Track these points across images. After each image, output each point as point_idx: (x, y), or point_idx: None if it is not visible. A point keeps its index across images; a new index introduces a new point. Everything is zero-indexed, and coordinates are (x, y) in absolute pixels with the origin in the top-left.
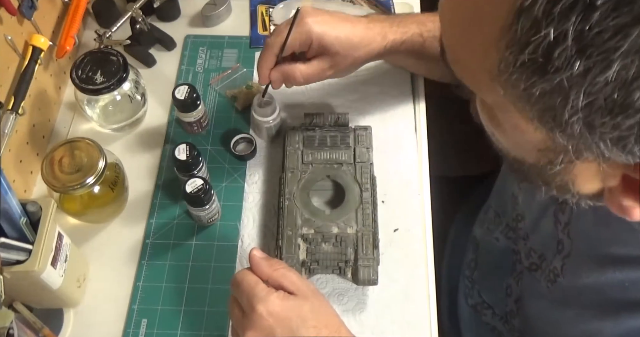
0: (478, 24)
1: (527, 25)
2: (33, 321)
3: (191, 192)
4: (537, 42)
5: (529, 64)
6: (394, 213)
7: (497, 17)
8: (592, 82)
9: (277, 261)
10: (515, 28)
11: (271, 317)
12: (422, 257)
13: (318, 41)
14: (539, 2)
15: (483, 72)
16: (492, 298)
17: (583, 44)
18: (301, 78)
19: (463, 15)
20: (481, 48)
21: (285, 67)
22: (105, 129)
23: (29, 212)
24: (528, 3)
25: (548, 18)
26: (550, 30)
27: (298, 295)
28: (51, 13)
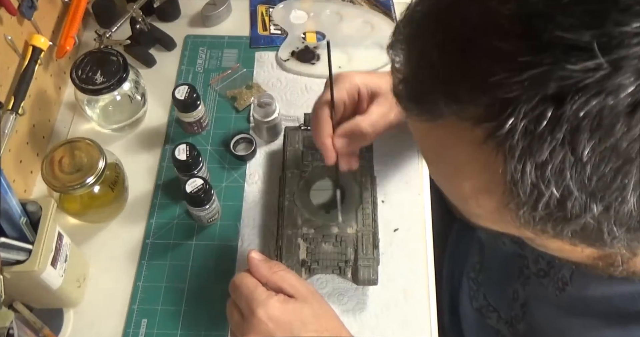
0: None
1: (527, 191)
2: (33, 321)
3: (191, 192)
4: (545, 201)
5: (547, 218)
6: (394, 213)
7: (494, 188)
8: (617, 215)
9: (276, 263)
10: (517, 193)
11: (271, 321)
12: (422, 257)
13: (365, 85)
14: (528, 170)
15: (506, 224)
16: (498, 302)
17: (590, 191)
18: (369, 128)
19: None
20: (494, 211)
21: (346, 126)
22: (105, 129)
23: (29, 212)
24: (519, 175)
25: (544, 181)
26: (552, 190)
27: (298, 298)
28: (51, 13)
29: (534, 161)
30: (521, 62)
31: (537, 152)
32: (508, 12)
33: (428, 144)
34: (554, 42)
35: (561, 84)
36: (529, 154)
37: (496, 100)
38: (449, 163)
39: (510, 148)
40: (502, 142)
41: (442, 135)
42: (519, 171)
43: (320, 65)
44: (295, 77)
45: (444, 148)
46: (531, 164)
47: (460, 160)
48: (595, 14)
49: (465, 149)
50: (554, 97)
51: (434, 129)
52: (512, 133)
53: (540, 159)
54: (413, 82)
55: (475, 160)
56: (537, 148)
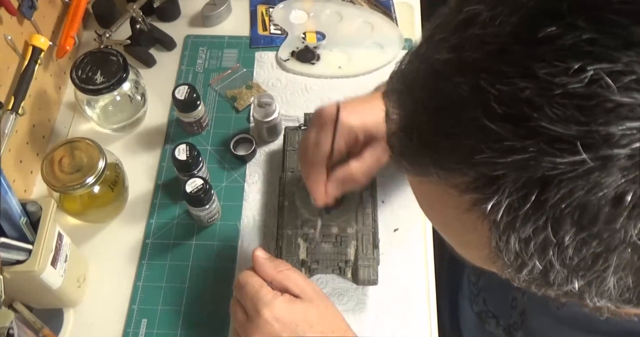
0: (468, 247)
1: (511, 258)
2: (33, 321)
3: (191, 192)
4: (528, 269)
5: (531, 280)
6: (394, 213)
7: (483, 245)
8: (598, 290)
9: (281, 261)
10: (502, 257)
11: (277, 322)
12: (422, 257)
13: (362, 132)
14: (511, 242)
15: (492, 267)
16: (497, 308)
17: (571, 269)
18: (362, 176)
19: (450, 236)
20: (483, 261)
21: (339, 173)
22: (105, 129)
23: (29, 212)
24: (503, 244)
25: (527, 254)
26: (535, 262)
27: (304, 298)
28: (51, 13)
29: (517, 236)
30: (507, 145)
31: (520, 229)
32: (497, 93)
33: (419, 193)
34: (539, 132)
35: (545, 172)
36: (513, 229)
37: (481, 175)
38: (439, 217)
39: (494, 221)
40: (487, 213)
41: (432, 193)
42: (503, 240)
43: (320, 65)
44: (295, 77)
45: (434, 203)
46: (515, 237)
47: (449, 217)
48: (583, 110)
49: (453, 210)
50: (540, 181)
51: (423, 185)
52: (497, 208)
53: (524, 235)
54: (404, 140)
55: (463, 221)
56: (520, 225)
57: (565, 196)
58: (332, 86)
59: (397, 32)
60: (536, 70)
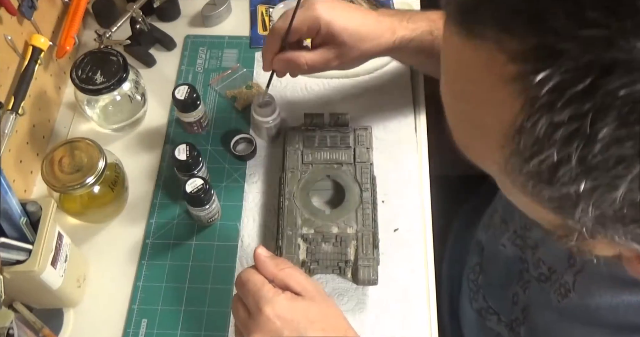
0: (480, 127)
1: (529, 142)
2: (33, 321)
3: (191, 192)
4: (540, 159)
5: (534, 174)
6: (394, 213)
7: (499, 126)
8: (600, 198)
9: (282, 259)
10: (518, 141)
11: (278, 319)
12: (422, 257)
13: (326, 28)
14: (539, 125)
15: (491, 163)
16: (498, 304)
17: (587, 166)
18: (305, 65)
19: (464, 115)
20: (487, 148)
21: (289, 54)
22: (105, 129)
23: (29, 212)
24: (529, 125)
25: (550, 141)
26: (553, 151)
27: (305, 296)
28: (51, 13)
29: (549, 118)
30: (588, 18)
31: (557, 112)
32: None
33: (456, 61)
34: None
35: (616, 56)
36: (549, 110)
37: (544, 45)
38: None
39: (533, 97)
40: (528, 88)
41: (474, 57)
42: (530, 122)
43: None
44: None
45: (471, 69)
46: (546, 120)
47: (481, 88)
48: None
49: (491, 78)
50: (602, 66)
51: (468, 48)
52: (543, 84)
53: (557, 119)
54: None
55: (495, 93)
56: (559, 108)
57: (623, 86)
58: (332, 86)
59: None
60: None
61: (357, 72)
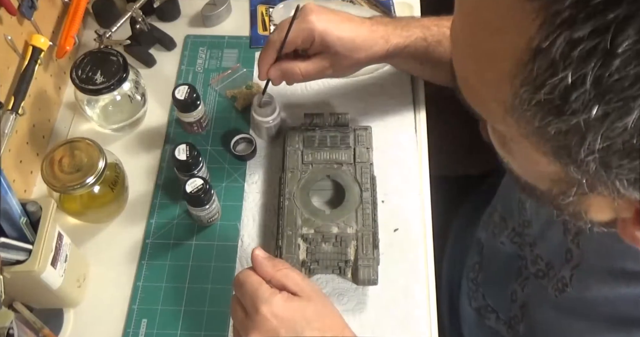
0: (492, 58)
1: (543, 66)
2: (33, 321)
3: (191, 192)
4: (553, 84)
5: (544, 104)
6: (394, 213)
7: (512, 53)
8: (610, 126)
9: (280, 260)
10: (531, 67)
11: (275, 318)
12: (422, 257)
13: (320, 39)
14: (557, 44)
15: (496, 103)
16: (497, 302)
17: (602, 89)
18: (300, 75)
19: (477, 47)
20: (495, 81)
21: (285, 64)
22: (105, 129)
23: (29, 212)
24: (546, 44)
25: (566, 61)
26: (568, 73)
27: (302, 296)
28: (51, 13)
29: (569, 35)
30: None
31: (578, 26)
32: None
33: None
34: None
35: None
36: (569, 25)
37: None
38: (483, 14)
39: (555, 13)
40: (549, 3)
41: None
42: (549, 40)
43: None
44: None
45: None
46: (565, 37)
47: (497, 12)
48: None
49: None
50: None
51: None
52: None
53: (577, 34)
54: None
55: (511, 15)
56: (581, 21)
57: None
58: (332, 86)
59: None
60: None
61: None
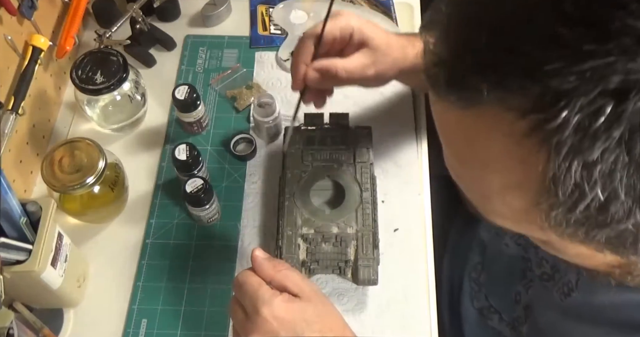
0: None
1: (568, 190)
2: (33, 321)
3: (191, 192)
4: (586, 204)
5: (583, 220)
6: (394, 213)
7: (529, 186)
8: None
9: (280, 261)
10: (555, 193)
11: (276, 320)
12: (422, 257)
13: (359, 31)
14: (573, 170)
15: (530, 224)
16: (500, 303)
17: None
18: (344, 73)
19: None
20: (521, 210)
21: (324, 61)
22: (105, 129)
23: (29, 212)
24: (563, 172)
25: (590, 182)
26: (597, 192)
27: (302, 297)
28: (51, 13)
29: (582, 159)
30: (584, 51)
31: (587, 150)
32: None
33: (457, 133)
34: (624, 31)
35: (626, 78)
36: (578, 152)
37: (549, 90)
38: (479, 156)
39: (557, 144)
40: (549, 136)
41: (477, 125)
42: (563, 169)
43: None
44: None
45: (476, 138)
46: (579, 162)
47: (494, 153)
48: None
49: (503, 141)
50: (615, 92)
51: (468, 117)
52: (563, 128)
53: (591, 157)
54: (454, 65)
55: (511, 154)
56: (588, 146)
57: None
58: None
59: (397, 32)
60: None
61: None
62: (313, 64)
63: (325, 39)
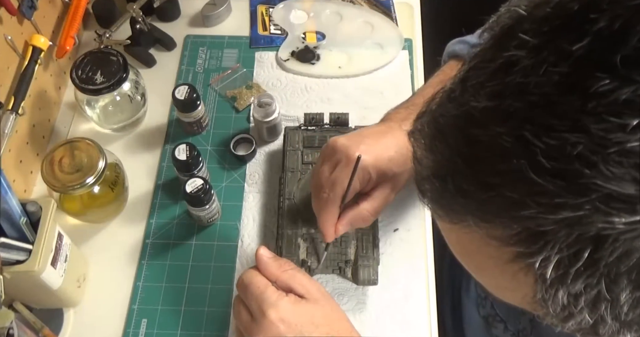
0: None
1: (558, 308)
2: (33, 321)
3: (191, 192)
4: (577, 320)
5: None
6: (394, 213)
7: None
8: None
9: (285, 261)
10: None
11: (282, 323)
12: (422, 257)
13: (375, 172)
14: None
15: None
16: (505, 313)
17: (626, 323)
18: (372, 216)
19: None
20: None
21: (350, 215)
22: (105, 129)
23: (29, 212)
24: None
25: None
26: (584, 315)
27: (309, 299)
28: (51, 13)
29: (566, 290)
30: (557, 202)
31: (570, 284)
32: (544, 147)
33: (453, 240)
34: (593, 189)
35: (601, 232)
36: (562, 284)
37: (528, 230)
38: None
39: (541, 275)
40: (532, 266)
41: (469, 241)
42: (550, 294)
43: (320, 65)
44: (295, 77)
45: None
46: (564, 291)
47: (487, 264)
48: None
49: (493, 260)
50: (593, 238)
51: (460, 231)
52: (545, 264)
53: (574, 290)
54: (439, 187)
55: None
56: (571, 281)
57: (621, 256)
58: (332, 86)
59: (397, 32)
60: (588, 124)
61: (357, 72)
62: (341, 220)
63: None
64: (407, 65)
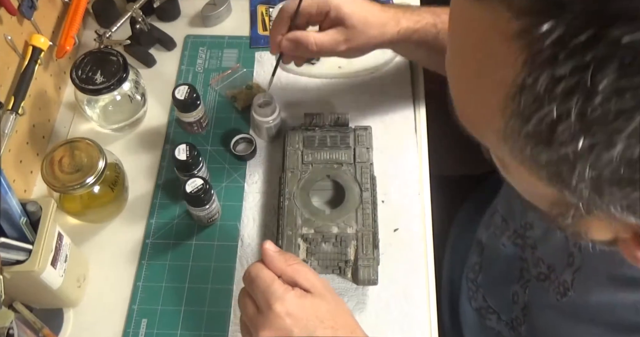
0: (484, 93)
1: (529, 100)
2: (33, 321)
3: (191, 192)
4: (540, 117)
5: (533, 135)
6: (394, 213)
7: (502, 88)
8: (597, 157)
9: (291, 255)
10: (519, 101)
11: (289, 317)
12: (422, 257)
13: (336, 10)
14: (541, 81)
15: (491, 132)
16: (498, 304)
17: (586, 122)
18: (314, 45)
19: (470, 82)
20: (489, 113)
21: (298, 33)
22: (105, 129)
23: (29, 212)
24: (530, 81)
25: (550, 96)
26: (552, 107)
27: (314, 293)
28: (51, 13)
29: (550, 73)
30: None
31: (558, 65)
32: None
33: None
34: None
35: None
36: (550, 65)
37: None
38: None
39: (536, 52)
40: (531, 43)
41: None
42: (532, 77)
43: (320, 65)
44: (295, 77)
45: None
46: (547, 75)
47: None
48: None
49: (495, 38)
50: (604, 17)
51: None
52: (545, 37)
53: (558, 73)
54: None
55: (498, 53)
56: (562, 60)
57: (625, 34)
58: (332, 86)
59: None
60: None
61: (357, 72)
62: (287, 35)
63: (301, 14)
64: (407, 65)
